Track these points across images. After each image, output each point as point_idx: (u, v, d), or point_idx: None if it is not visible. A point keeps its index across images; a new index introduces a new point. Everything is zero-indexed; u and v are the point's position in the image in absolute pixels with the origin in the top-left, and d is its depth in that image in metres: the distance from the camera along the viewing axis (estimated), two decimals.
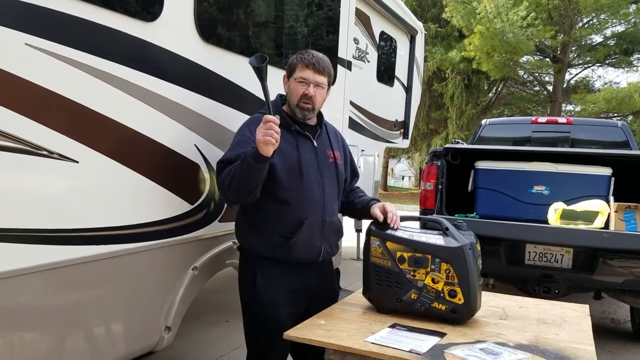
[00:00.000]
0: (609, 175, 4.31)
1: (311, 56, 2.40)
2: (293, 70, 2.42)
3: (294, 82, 2.40)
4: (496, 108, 23.50)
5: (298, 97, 2.39)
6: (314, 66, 2.38)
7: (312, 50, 2.45)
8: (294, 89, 2.40)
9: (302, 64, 2.39)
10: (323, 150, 2.47)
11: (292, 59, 2.46)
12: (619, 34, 19.00)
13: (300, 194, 2.35)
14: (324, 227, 2.41)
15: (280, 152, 2.23)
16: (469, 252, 2.12)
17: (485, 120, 6.79)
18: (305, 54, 2.41)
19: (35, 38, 1.87)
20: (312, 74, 2.38)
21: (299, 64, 2.40)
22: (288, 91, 2.46)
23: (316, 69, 2.39)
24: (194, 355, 3.90)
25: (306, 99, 2.39)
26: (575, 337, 2.04)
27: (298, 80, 2.39)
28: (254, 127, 2.20)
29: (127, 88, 2.26)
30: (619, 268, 3.91)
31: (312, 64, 2.38)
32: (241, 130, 2.41)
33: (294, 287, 2.39)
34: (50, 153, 1.95)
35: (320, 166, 2.43)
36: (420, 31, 6.58)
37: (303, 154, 2.38)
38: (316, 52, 2.44)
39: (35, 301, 2.02)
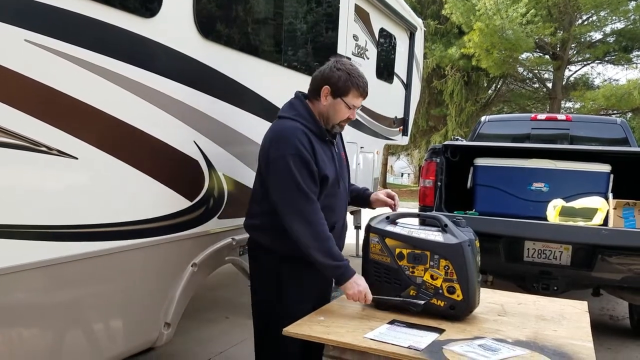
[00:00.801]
0: (608, 172, 4.31)
1: (363, 82, 2.38)
2: (344, 93, 2.34)
3: (343, 105, 2.35)
4: (495, 105, 23.48)
5: (342, 119, 2.40)
6: (365, 95, 2.40)
7: (357, 69, 2.39)
8: (341, 111, 2.37)
9: (358, 92, 2.36)
10: (340, 155, 2.54)
11: (341, 77, 2.32)
12: (618, 31, 18.99)
13: (336, 201, 2.43)
14: (342, 230, 2.53)
15: (325, 165, 2.32)
16: (467, 248, 2.12)
17: (485, 117, 6.78)
18: (358, 79, 2.35)
19: (34, 34, 1.87)
20: (361, 101, 2.42)
21: (353, 90, 2.34)
22: (330, 108, 2.36)
23: (366, 97, 2.42)
24: (194, 352, 3.91)
25: (348, 121, 2.44)
26: (574, 333, 2.05)
27: (349, 105, 2.36)
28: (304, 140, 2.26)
29: (126, 84, 2.26)
30: (618, 265, 3.91)
31: (366, 93, 2.40)
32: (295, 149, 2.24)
33: (316, 286, 2.44)
34: (49, 149, 1.95)
35: (342, 172, 2.51)
36: (420, 28, 6.57)
37: (337, 165, 2.44)
38: (362, 74, 2.41)
39: (34, 298, 2.02)
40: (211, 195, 2.82)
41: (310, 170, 2.25)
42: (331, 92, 2.34)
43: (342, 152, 2.58)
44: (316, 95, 2.38)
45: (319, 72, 2.40)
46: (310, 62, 3.86)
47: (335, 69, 2.34)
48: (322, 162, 2.31)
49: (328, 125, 2.40)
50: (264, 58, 3.24)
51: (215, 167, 2.83)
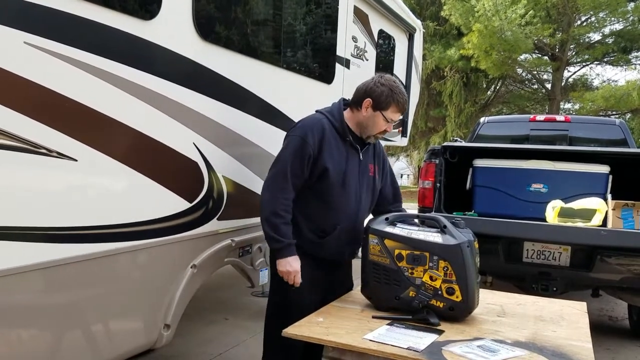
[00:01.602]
0: (606, 173, 4.31)
1: (404, 99, 2.49)
2: (385, 107, 2.47)
3: (381, 118, 2.48)
4: (494, 106, 23.47)
5: (379, 131, 2.52)
6: (404, 110, 2.53)
7: (399, 85, 2.51)
8: (379, 123, 2.50)
9: (397, 107, 2.48)
10: (366, 164, 2.61)
11: (384, 92, 2.46)
12: (617, 32, 18.99)
13: (338, 202, 2.51)
14: (351, 234, 2.57)
15: (332, 160, 2.44)
16: (466, 249, 2.13)
17: (484, 118, 6.79)
18: (399, 95, 2.47)
19: (34, 37, 1.88)
20: (399, 117, 2.53)
21: (393, 105, 2.47)
22: (369, 120, 2.50)
23: (404, 112, 2.55)
24: (194, 353, 3.91)
25: (384, 133, 2.56)
26: (573, 334, 2.05)
27: (387, 119, 2.48)
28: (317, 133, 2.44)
29: (126, 86, 2.26)
30: (617, 266, 3.91)
31: (404, 109, 2.52)
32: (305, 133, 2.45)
33: (317, 279, 2.54)
34: (49, 151, 1.96)
35: (361, 179, 2.58)
36: (419, 29, 6.57)
37: (350, 166, 2.53)
38: (403, 90, 2.52)
39: (34, 299, 2.02)
40: (210, 196, 2.83)
41: (303, 156, 2.41)
42: (372, 104, 2.47)
43: (372, 165, 2.66)
44: (357, 105, 2.52)
45: (362, 85, 2.54)
46: (309, 63, 3.86)
47: (380, 84, 2.48)
48: (329, 156, 2.45)
49: (364, 135, 2.55)
50: (263, 60, 3.24)
51: (214, 169, 2.83)
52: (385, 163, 2.80)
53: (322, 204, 2.51)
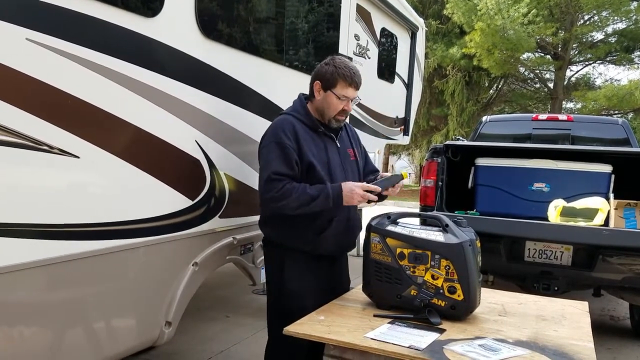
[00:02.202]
0: (609, 172, 4.31)
1: (351, 72, 2.44)
2: (332, 85, 2.44)
3: (334, 97, 2.45)
4: (497, 105, 23.44)
5: (336, 111, 2.49)
6: (355, 85, 2.47)
7: (345, 61, 2.48)
8: (333, 103, 2.47)
9: (345, 82, 2.44)
10: (345, 150, 2.59)
11: (328, 70, 2.45)
12: (620, 31, 18.94)
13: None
14: (348, 224, 2.56)
15: (313, 154, 2.42)
16: (468, 248, 2.12)
17: (486, 117, 6.78)
18: (344, 69, 2.44)
19: (36, 33, 1.88)
20: (352, 92, 2.48)
21: (340, 81, 2.43)
22: (323, 102, 2.49)
23: (357, 87, 2.48)
24: (195, 351, 3.91)
25: (344, 114, 2.51)
26: (574, 333, 2.05)
27: (340, 97, 2.45)
28: (289, 131, 2.41)
29: (128, 83, 2.26)
30: (619, 265, 3.91)
31: (354, 82, 2.46)
32: (278, 137, 2.41)
33: (318, 279, 2.52)
34: (50, 148, 1.96)
35: (345, 165, 2.55)
36: (421, 28, 6.56)
37: (331, 156, 2.50)
38: (350, 64, 2.48)
39: (35, 296, 2.02)
40: (212, 194, 2.83)
41: (286, 155, 2.37)
42: (322, 86, 2.47)
43: (350, 149, 2.63)
44: (312, 92, 2.52)
45: (313, 72, 2.55)
46: (312, 61, 3.86)
47: (324, 64, 2.48)
48: (309, 151, 2.42)
49: (325, 119, 2.52)
50: (266, 57, 3.24)
51: (216, 166, 2.83)
52: (360, 143, 2.78)
53: None
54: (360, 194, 2.35)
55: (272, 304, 2.59)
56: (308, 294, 2.45)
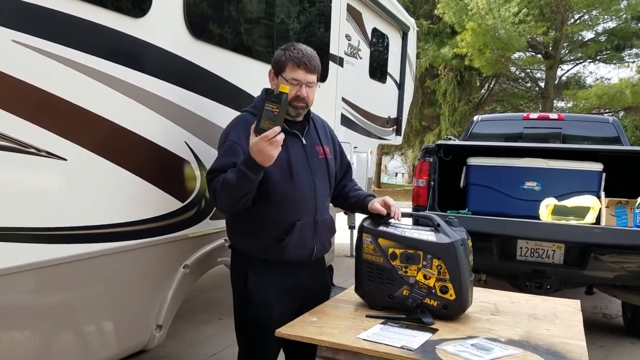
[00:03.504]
0: (600, 170, 4.32)
1: (300, 54, 2.25)
2: (282, 69, 2.26)
3: (284, 82, 2.23)
4: (488, 104, 23.56)
5: (290, 97, 2.22)
6: (305, 66, 2.25)
7: (298, 45, 2.31)
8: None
9: (292, 63, 2.24)
10: (312, 147, 2.38)
11: (278, 54, 2.29)
12: (610, 30, 19.10)
13: (292, 196, 2.28)
14: (316, 227, 2.36)
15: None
16: (460, 248, 2.12)
17: (477, 116, 6.80)
18: (293, 51, 2.26)
19: (22, 35, 1.86)
20: (303, 75, 2.25)
21: (288, 63, 2.24)
22: (276, 89, 2.23)
23: (308, 69, 2.26)
24: (187, 354, 3.89)
25: (299, 100, 2.28)
26: (567, 332, 2.05)
27: (290, 81, 2.24)
28: (242, 129, 2.20)
29: (116, 85, 2.25)
30: (611, 263, 3.92)
31: (303, 63, 2.24)
32: (228, 135, 2.27)
33: (286, 287, 2.34)
34: (38, 151, 1.94)
35: (311, 164, 2.35)
36: (413, 28, 6.57)
37: (293, 154, 2.29)
38: (303, 47, 2.30)
39: (25, 300, 2.00)
40: (203, 196, 2.81)
41: (230, 154, 2.19)
42: (274, 72, 2.32)
43: (319, 147, 2.42)
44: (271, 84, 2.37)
45: None
46: None
47: (278, 50, 2.33)
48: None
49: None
50: (256, 58, 3.23)
51: (206, 168, 2.81)
52: (336, 141, 2.57)
53: (274, 202, 2.25)
54: (265, 142, 2.01)
55: (238, 314, 2.39)
56: (274, 305, 2.28)
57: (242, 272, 2.34)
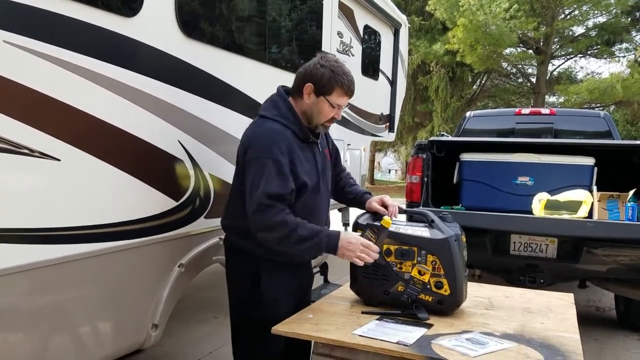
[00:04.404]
0: (591, 165, 4.35)
1: (348, 80, 2.23)
2: (328, 92, 2.21)
3: (326, 104, 2.22)
4: (480, 100, 23.64)
5: (326, 119, 2.27)
6: (352, 94, 2.26)
7: (342, 65, 2.25)
8: (324, 110, 2.24)
9: (343, 90, 2.22)
10: (324, 153, 2.41)
11: (324, 74, 2.19)
12: (600, 24, 19.19)
13: (312, 206, 2.30)
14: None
15: (305, 171, 2.22)
16: (454, 243, 2.13)
17: (470, 112, 6.82)
18: (343, 76, 2.21)
19: (14, 35, 1.85)
20: (346, 100, 2.28)
21: (337, 88, 2.21)
22: (313, 107, 2.24)
23: (352, 95, 2.28)
24: (183, 353, 3.89)
25: (332, 121, 2.31)
26: (561, 325, 2.07)
27: (333, 104, 2.23)
28: (284, 147, 2.15)
29: (108, 84, 2.24)
30: (603, 257, 3.95)
31: (351, 91, 2.25)
32: (270, 152, 2.13)
33: (292, 287, 2.36)
34: (31, 151, 1.93)
35: (326, 173, 2.39)
36: (404, 24, 6.58)
37: (320, 168, 2.32)
38: (347, 69, 2.26)
39: (20, 301, 2.00)
40: (197, 195, 2.81)
41: (283, 176, 2.12)
42: (314, 90, 2.22)
43: (326, 149, 2.47)
44: (299, 92, 2.26)
45: (302, 69, 2.28)
46: (295, 59, 3.85)
47: (319, 65, 2.21)
48: (302, 169, 2.20)
49: (311, 125, 2.28)
50: (248, 56, 3.23)
51: (200, 167, 2.81)
52: (332, 139, 2.58)
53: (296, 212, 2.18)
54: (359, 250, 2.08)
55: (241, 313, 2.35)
56: (282, 304, 2.29)
57: (251, 271, 2.29)
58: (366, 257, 2.10)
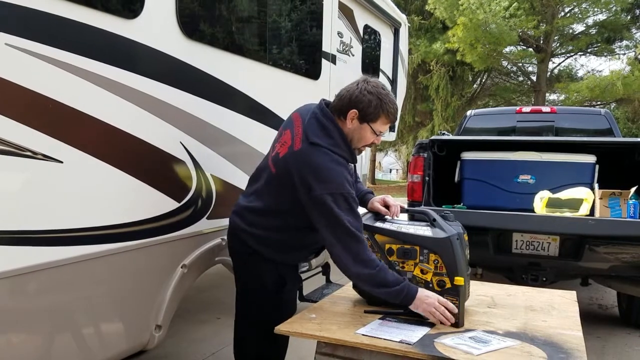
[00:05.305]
0: (593, 162, 4.35)
1: (395, 109, 2.23)
2: (373, 119, 2.19)
3: (369, 131, 2.22)
4: (481, 99, 23.61)
5: (366, 144, 2.28)
6: (394, 121, 2.30)
7: (389, 93, 2.23)
8: (366, 137, 2.24)
9: (388, 119, 2.22)
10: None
11: (372, 102, 2.17)
12: (600, 22, 19.17)
13: None
14: None
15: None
16: (456, 242, 2.13)
17: (470, 111, 6.82)
18: (389, 105, 2.20)
19: (16, 38, 1.85)
20: (387, 128, 2.30)
21: (382, 117, 2.20)
22: (355, 132, 2.23)
23: (394, 123, 2.33)
24: (186, 354, 3.89)
25: (371, 145, 2.34)
26: (563, 323, 2.07)
27: (376, 131, 2.24)
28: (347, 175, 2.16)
29: (110, 86, 2.25)
30: (605, 254, 3.94)
31: (395, 119, 2.27)
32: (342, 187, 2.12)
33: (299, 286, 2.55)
34: (34, 154, 1.93)
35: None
36: (404, 24, 6.58)
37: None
38: (393, 98, 2.25)
39: (24, 302, 2.00)
40: (199, 195, 2.81)
41: (355, 206, 2.15)
42: (359, 116, 2.19)
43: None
44: (342, 115, 2.22)
45: (347, 92, 2.22)
46: (296, 60, 3.85)
47: (366, 91, 2.17)
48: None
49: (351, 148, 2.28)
50: (249, 57, 3.23)
51: (202, 168, 2.82)
52: None
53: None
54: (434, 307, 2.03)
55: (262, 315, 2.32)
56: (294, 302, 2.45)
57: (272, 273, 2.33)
58: (442, 314, 2.02)
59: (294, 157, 2.17)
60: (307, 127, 2.20)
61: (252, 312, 2.39)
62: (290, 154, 2.19)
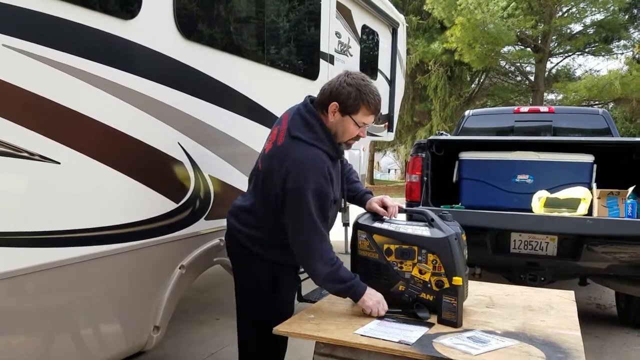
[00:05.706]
0: (591, 162, 4.35)
1: (376, 100, 2.22)
2: (354, 111, 2.19)
3: (351, 123, 2.21)
4: (479, 99, 23.63)
5: (351, 137, 2.28)
6: (377, 112, 2.26)
7: (369, 84, 2.22)
8: (350, 129, 2.24)
9: (369, 110, 2.21)
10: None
11: (351, 93, 2.17)
12: (598, 22, 19.18)
13: (333, 216, 2.33)
14: None
15: (336, 188, 2.26)
16: (454, 242, 2.13)
17: (468, 111, 6.82)
18: (369, 95, 2.19)
19: (12, 39, 1.85)
20: (372, 119, 2.27)
21: (363, 108, 2.19)
22: (338, 126, 2.23)
23: (377, 114, 2.28)
24: (185, 354, 3.89)
25: (357, 138, 2.31)
26: (562, 323, 2.07)
27: (359, 123, 2.23)
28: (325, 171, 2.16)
29: (108, 87, 2.24)
30: (603, 254, 3.95)
31: (377, 110, 2.25)
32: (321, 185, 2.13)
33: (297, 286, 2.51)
34: (31, 155, 1.93)
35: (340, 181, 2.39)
36: (402, 24, 6.58)
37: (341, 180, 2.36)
38: (374, 87, 2.24)
39: (22, 303, 2.00)
40: (197, 196, 2.81)
41: (327, 204, 2.17)
42: (339, 109, 2.20)
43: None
44: (324, 109, 2.23)
45: (327, 86, 2.24)
46: (294, 60, 3.85)
47: (346, 84, 2.18)
48: (335, 187, 2.24)
49: (336, 142, 2.28)
50: (246, 57, 3.23)
51: (200, 168, 2.82)
52: None
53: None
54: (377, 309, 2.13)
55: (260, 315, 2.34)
56: (292, 303, 2.43)
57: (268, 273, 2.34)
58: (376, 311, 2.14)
59: (277, 151, 2.22)
60: (290, 123, 2.25)
61: (250, 313, 2.40)
62: (275, 149, 2.23)
